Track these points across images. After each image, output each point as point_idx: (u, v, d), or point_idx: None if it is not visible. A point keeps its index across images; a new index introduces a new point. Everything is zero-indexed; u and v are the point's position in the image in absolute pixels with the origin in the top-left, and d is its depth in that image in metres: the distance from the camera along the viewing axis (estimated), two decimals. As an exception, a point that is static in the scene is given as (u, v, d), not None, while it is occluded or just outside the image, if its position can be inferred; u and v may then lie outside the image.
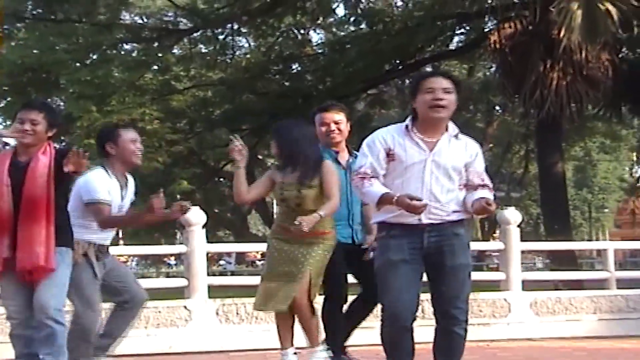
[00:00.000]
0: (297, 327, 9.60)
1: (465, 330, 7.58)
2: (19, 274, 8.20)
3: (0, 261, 8.14)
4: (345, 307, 9.93)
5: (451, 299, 7.49)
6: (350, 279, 9.87)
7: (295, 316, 9.85)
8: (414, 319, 7.50)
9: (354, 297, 10.04)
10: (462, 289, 7.54)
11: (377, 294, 7.90)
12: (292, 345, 9.79)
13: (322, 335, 9.96)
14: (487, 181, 7.67)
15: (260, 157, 35.45)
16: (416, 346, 7.67)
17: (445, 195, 7.47)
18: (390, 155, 7.44)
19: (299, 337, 9.66)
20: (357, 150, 8.18)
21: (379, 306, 7.81)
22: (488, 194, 7.51)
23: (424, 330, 7.70)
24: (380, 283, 7.63)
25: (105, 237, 9.15)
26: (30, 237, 8.16)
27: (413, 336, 7.56)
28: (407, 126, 7.53)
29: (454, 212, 7.52)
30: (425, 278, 7.66)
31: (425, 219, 7.40)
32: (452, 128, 7.60)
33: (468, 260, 7.65)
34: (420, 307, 7.59)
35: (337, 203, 9.53)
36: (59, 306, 8.26)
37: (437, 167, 7.44)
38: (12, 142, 8.73)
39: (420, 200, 7.17)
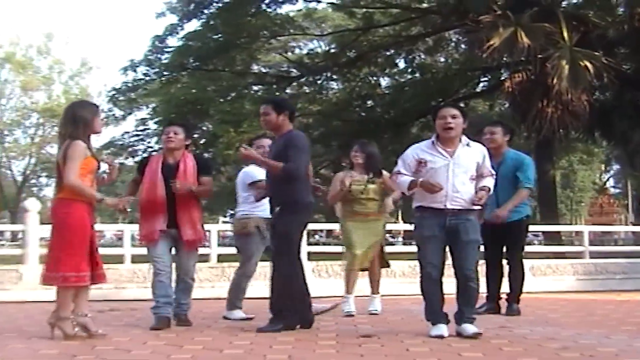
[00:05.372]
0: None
1: (477, 284, 7.71)
2: (180, 242, 8.31)
3: (157, 232, 8.27)
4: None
5: (465, 264, 7.61)
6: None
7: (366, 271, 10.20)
8: (442, 275, 7.64)
9: None
10: (471, 256, 7.65)
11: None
12: (352, 292, 10.11)
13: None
14: (492, 171, 7.91)
15: (343, 164, 35.34)
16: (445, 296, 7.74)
17: (463, 187, 7.60)
18: (421, 163, 7.64)
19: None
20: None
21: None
22: (489, 181, 7.78)
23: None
24: (418, 250, 7.81)
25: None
26: (192, 218, 8.32)
27: (442, 287, 7.68)
28: (432, 141, 7.75)
29: (468, 203, 7.62)
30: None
31: (449, 205, 7.57)
32: (464, 139, 7.78)
33: (477, 237, 7.72)
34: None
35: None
36: (194, 268, 8.49)
37: (458, 168, 7.60)
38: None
39: (438, 184, 7.46)
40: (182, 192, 8.26)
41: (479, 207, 7.79)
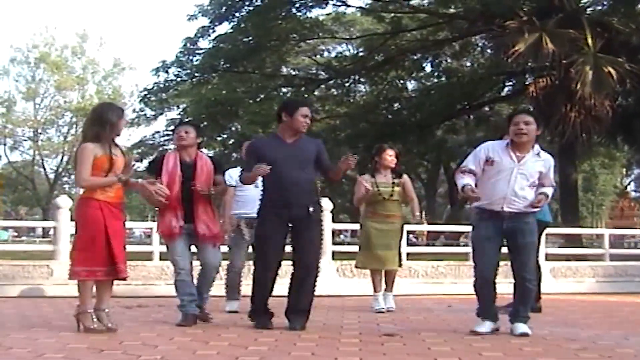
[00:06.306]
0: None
1: (534, 285, 7.97)
2: (198, 237, 8.33)
3: (176, 228, 8.30)
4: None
5: (523, 266, 7.76)
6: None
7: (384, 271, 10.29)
8: (496, 275, 7.79)
9: None
10: (529, 259, 7.82)
11: None
12: (380, 289, 10.32)
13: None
14: (552, 182, 7.92)
15: (370, 165, 35.42)
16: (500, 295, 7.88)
17: (522, 192, 7.65)
18: (489, 161, 7.70)
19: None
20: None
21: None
22: (549, 190, 7.80)
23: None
24: (474, 250, 8.03)
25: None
26: (208, 213, 8.37)
27: (495, 287, 7.84)
28: (507, 144, 7.79)
29: (526, 206, 7.69)
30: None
31: (506, 208, 7.67)
32: (536, 148, 7.85)
33: (534, 239, 7.88)
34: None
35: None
36: (218, 261, 8.60)
37: (521, 174, 7.66)
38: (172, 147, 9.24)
39: (477, 195, 7.57)
40: (202, 193, 8.36)
41: (536, 210, 7.89)
